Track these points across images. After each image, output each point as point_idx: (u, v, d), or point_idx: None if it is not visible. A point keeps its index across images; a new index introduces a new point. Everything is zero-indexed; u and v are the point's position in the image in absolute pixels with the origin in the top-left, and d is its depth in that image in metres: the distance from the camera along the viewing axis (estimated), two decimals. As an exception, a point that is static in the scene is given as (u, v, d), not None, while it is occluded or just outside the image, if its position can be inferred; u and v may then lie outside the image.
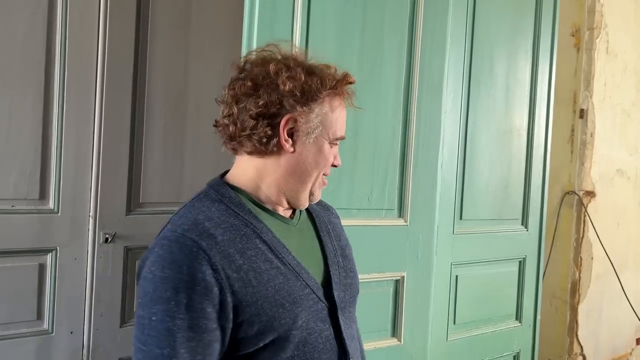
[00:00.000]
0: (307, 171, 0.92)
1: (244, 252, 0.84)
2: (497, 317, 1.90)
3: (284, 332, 0.85)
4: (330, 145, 0.93)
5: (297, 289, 0.88)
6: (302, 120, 0.88)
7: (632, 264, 3.91)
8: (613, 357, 3.81)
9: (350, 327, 0.98)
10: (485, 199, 1.84)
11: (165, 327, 0.77)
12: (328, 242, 1.01)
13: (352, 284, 1.01)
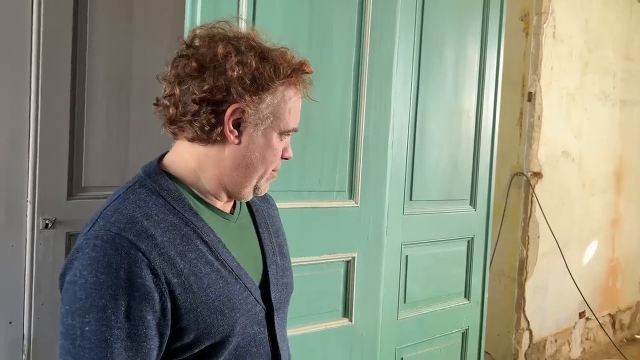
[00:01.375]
0: (253, 166, 0.86)
1: (184, 255, 0.78)
2: (446, 295, 1.95)
3: (221, 339, 0.81)
4: (281, 137, 0.87)
5: (237, 293, 0.84)
6: (250, 110, 0.82)
7: (575, 242, 4.09)
8: (557, 330, 4.00)
9: (283, 329, 0.96)
10: (435, 180, 1.87)
11: (101, 338, 0.71)
12: (267, 240, 0.97)
13: (288, 283, 0.99)
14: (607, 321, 4.59)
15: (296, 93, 0.87)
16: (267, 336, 0.90)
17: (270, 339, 0.91)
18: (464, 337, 2.01)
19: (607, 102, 4.26)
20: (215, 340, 0.81)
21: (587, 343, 4.32)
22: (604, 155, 4.33)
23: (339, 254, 1.53)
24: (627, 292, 4.82)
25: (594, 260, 4.34)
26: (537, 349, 3.80)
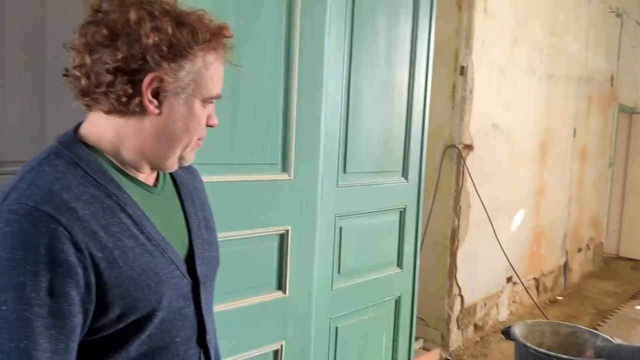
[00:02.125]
0: (177, 136, 0.83)
1: (108, 229, 0.75)
2: (379, 264, 2.00)
3: (147, 313, 0.79)
4: (203, 105, 0.84)
5: (162, 267, 0.82)
6: (169, 78, 0.78)
7: (503, 211, 4.30)
8: (487, 295, 4.23)
9: (209, 302, 0.95)
10: (368, 152, 1.89)
11: (21, 317, 0.67)
12: (192, 213, 0.94)
13: (214, 257, 0.98)
14: (532, 285, 4.90)
15: (217, 58, 0.84)
16: (193, 310, 0.89)
17: (196, 313, 0.90)
18: (396, 304, 2.08)
19: (534, 77, 4.46)
20: (141, 315, 0.79)
21: (514, 306, 4.60)
22: (531, 128, 4.55)
23: (272, 228, 1.53)
24: (550, 257, 5.15)
25: (521, 228, 4.59)
26: (468, 313, 4.00)
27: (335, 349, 1.82)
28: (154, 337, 0.83)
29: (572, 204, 5.42)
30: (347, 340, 1.87)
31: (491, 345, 4.01)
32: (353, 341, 1.90)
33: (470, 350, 3.89)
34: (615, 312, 4.82)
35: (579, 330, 3.02)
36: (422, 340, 3.77)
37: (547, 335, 3.06)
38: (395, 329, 2.09)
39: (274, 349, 1.57)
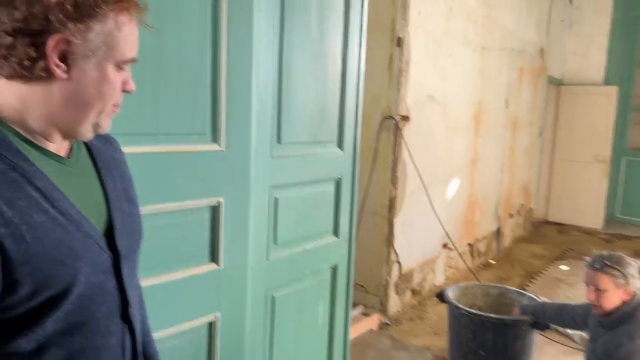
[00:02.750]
0: (89, 102, 0.79)
1: (13, 203, 0.71)
2: (316, 234, 2.01)
3: (62, 289, 0.76)
4: (118, 69, 0.80)
5: (78, 241, 0.79)
6: (77, 40, 0.74)
7: (439, 180, 4.43)
8: (423, 261, 4.38)
9: (132, 276, 0.93)
10: (303, 122, 1.88)
11: None
12: (110, 185, 0.91)
13: (136, 229, 0.95)
14: (467, 250, 5.12)
15: (130, 20, 0.80)
16: (114, 284, 0.87)
17: (118, 287, 0.88)
18: (333, 272, 2.11)
19: (468, 48, 4.56)
20: (56, 291, 0.76)
21: (450, 271, 4.80)
22: (465, 99, 4.67)
23: (203, 200, 1.50)
24: (483, 224, 5.39)
25: (456, 196, 4.76)
26: (405, 279, 4.14)
27: (272, 318, 1.84)
28: (71, 313, 0.80)
29: (504, 173, 5.67)
30: (284, 309, 1.88)
31: (428, 308, 4.19)
32: (290, 310, 1.92)
33: (408, 314, 4.05)
34: (542, 273, 5.14)
35: (507, 291, 3.20)
36: (362, 307, 3.88)
37: (479, 296, 3.23)
38: (332, 296, 2.13)
39: (209, 320, 1.56)
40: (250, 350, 1.74)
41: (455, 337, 2.93)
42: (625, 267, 2.17)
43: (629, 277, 2.15)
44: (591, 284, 2.18)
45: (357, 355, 3.33)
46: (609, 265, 2.16)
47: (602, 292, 2.15)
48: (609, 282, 2.14)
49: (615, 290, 2.15)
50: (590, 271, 2.21)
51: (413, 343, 3.55)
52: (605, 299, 2.16)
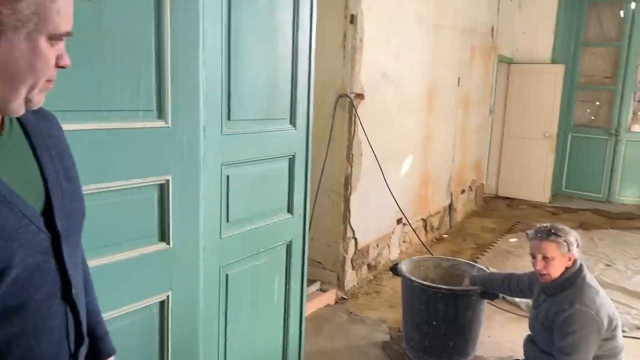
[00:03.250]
0: (18, 76, 0.75)
1: None
2: (270, 211, 2.01)
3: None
4: (51, 43, 0.77)
5: (13, 222, 0.76)
6: (5, 10, 0.70)
7: (394, 158, 4.50)
8: (379, 237, 4.46)
9: (74, 256, 0.91)
10: (254, 99, 1.86)
11: None
12: (48, 163, 0.88)
13: (77, 208, 0.93)
14: (421, 225, 5.24)
15: None
16: (54, 265, 0.85)
17: (58, 268, 0.86)
18: (288, 248, 2.13)
19: (421, 26, 4.60)
20: None
21: (404, 245, 4.91)
22: (419, 77, 4.73)
23: (150, 178, 1.47)
24: (436, 199, 5.52)
25: (410, 173, 4.85)
26: (361, 254, 4.21)
27: (227, 295, 1.84)
28: (8, 295, 0.77)
29: (456, 149, 5.81)
30: (238, 286, 1.89)
31: (383, 282, 4.29)
32: (244, 287, 1.93)
33: (365, 289, 4.13)
34: (493, 246, 5.34)
35: (458, 263, 3.31)
36: (319, 283, 3.93)
37: (431, 269, 3.33)
38: (287, 272, 2.14)
39: (160, 300, 1.54)
40: (205, 328, 1.74)
41: (409, 308, 3.02)
42: (567, 235, 2.29)
43: (570, 244, 2.27)
44: (539, 253, 2.29)
45: (314, 330, 3.38)
46: (554, 234, 2.27)
47: (550, 260, 2.26)
48: (555, 250, 2.26)
49: (561, 258, 2.27)
50: (537, 241, 2.31)
51: (369, 316, 3.64)
52: (552, 267, 2.27)
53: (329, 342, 3.25)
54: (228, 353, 1.89)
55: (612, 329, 2.23)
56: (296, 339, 2.24)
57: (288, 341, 2.19)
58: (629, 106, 7.23)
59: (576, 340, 2.15)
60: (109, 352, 1.10)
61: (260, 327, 2.05)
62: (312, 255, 4.07)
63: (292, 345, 2.22)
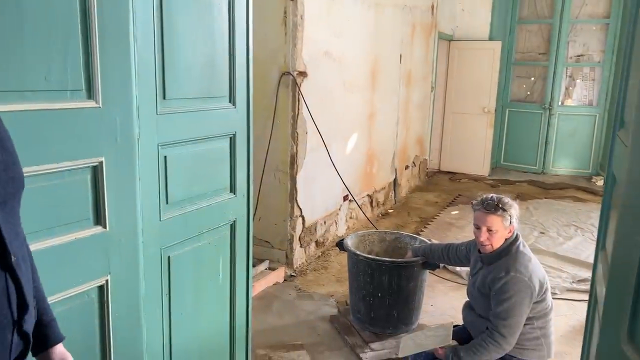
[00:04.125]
0: None
1: None
2: (212, 191, 1.99)
3: None
4: None
5: None
6: None
7: (338, 136, 4.54)
8: (326, 214, 4.51)
9: (12, 224, 0.89)
10: (190, 77, 1.82)
11: None
12: None
13: (14, 177, 0.92)
14: (367, 201, 5.34)
15: None
16: None
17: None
18: (232, 228, 2.12)
19: (363, 4, 4.62)
20: None
21: (351, 221, 4.99)
22: (361, 55, 4.76)
23: (82, 160, 1.41)
24: (381, 175, 5.63)
25: (355, 151, 4.91)
26: (309, 232, 4.25)
27: (169, 277, 1.82)
28: None
29: (399, 126, 5.93)
30: (181, 268, 1.87)
31: (331, 258, 4.36)
32: (188, 268, 1.91)
33: (313, 265, 4.19)
34: (435, 218, 5.53)
35: (401, 236, 3.41)
36: (268, 262, 3.95)
37: (376, 243, 3.41)
38: (232, 252, 2.14)
39: (99, 284, 1.51)
40: (148, 311, 1.72)
41: (355, 282, 3.09)
42: (510, 209, 2.39)
43: (513, 217, 2.38)
44: (484, 225, 2.37)
45: (263, 308, 3.41)
46: (499, 208, 2.36)
47: (494, 232, 2.36)
48: (500, 224, 2.35)
49: (504, 230, 2.37)
50: (482, 214, 2.39)
51: (317, 292, 3.70)
52: (495, 239, 2.37)
53: (278, 318, 3.29)
54: (173, 334, 1.88)
55: (543, 292, 2.38)
56: (243, 318, 2.25)
57: (235, 320, 2.20)
58: (561, 81, 7.60)
59: (511, 305, 2.28)
60: (57, 339, 1.09)
61: (206, 308, 2.05)
62: (260, 235, 4.08)
63: (239, 324, 2.23)
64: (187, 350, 1.97)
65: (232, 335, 2.22)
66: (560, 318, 3.28)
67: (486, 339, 2.30)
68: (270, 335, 3.07)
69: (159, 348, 1.82)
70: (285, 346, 2.92)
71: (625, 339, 0.95)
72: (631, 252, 0.94)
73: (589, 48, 7.50)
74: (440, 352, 2.41)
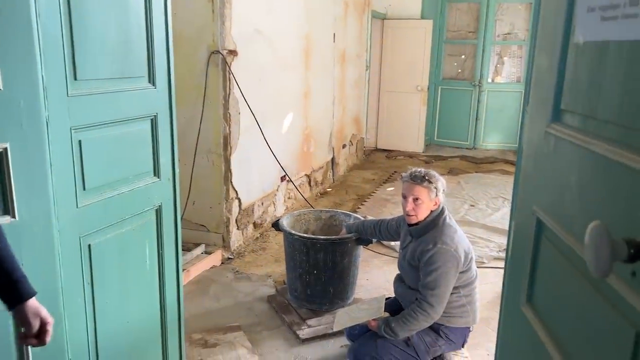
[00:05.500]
0: None
1: None
2: (133, 176, 1.92)
3: None
4: None
5: None
6: None
7: (273, 115, 4.50)
8: (263, 195, 4.49)
9: None
10: (104, 56, 1.73)
11: None
12: None
13: None
14: (305, 181, 5.36)
15: None
16: None
17: None
18: (157, 213, 2.06)
19: (293, -18, 4.55)
20: None
21: (290, 202, 5.00)
22: (293, 33, 4.72)
23: (-18, 147, 1.33)
24: (318, 155, 5.66)
25: (291, 130, 4.89)
26: (246, 214, 4.22)
27: (91, 266, 1.75)
28: None
29: (335, 105, 5.96)
30: (103, 255, 1.80)
31: (269, 239, 4.36)
32: (111, 256, 1.85)
33: (251, 247, 4.17)
34: (372, 195, 5.64)
35: (336, 214, 3.46)
36: (204, 245, 3.90)
37: (311, 221, 3.44)
38: (159, 238, 2.09)
39: (10, 278, 1.43)
40: (68, 302, 1.66)
41: (291, 261, 3.11)
42: (437, 182, 2.48)
43: (439, 190, 2.47)
44: (410, 195, 2.47)
45: (199, 292, 3.37)
46: (426, 179, 2.46)
47: (419, 203, 2.45)
48: (426, 194, 2.45)
49: (429, 202, 2.46)
50: (409, 184, 2.48)
51: (255, 273, 3.70)
52: (420, 209, 2.46)
53: (215, 301, 3.27)
54: (99, 324, 1.82)
55: (468, 262, 2.50)
56: (174, 304, 2.21)
57: (166, 307, 2.16)
58: (490, 59, 7.87)
59: (438, 275, 2.37)
60: (29, 293, 1.22)
61: (134, 295, 2.00)
62: (196, 219, 4.01)
63: (170, 310, 2.19)
64: (115, 339, 1.92)
65: (164, 322, 2.18)
66: (488, 285, 3.45)
67: (415, 308, 2.39)
68: (207, 318, 3.05)
69: (83, 338, 1.76)
70: (222, 328, 2.91)
71: (524, 302, 1.01)
72: (529, 218, 1.00)
73: (515, 26, 7.80)
74: (373, 324, 2.48)
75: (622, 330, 0.65)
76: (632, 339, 0.63)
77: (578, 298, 0.79)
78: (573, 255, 0.80)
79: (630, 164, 0.64)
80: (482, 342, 2.81)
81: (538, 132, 0.99)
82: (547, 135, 0.94)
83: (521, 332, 1.04)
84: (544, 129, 0.95)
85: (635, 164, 0.63)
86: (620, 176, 0.67)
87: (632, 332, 0.63)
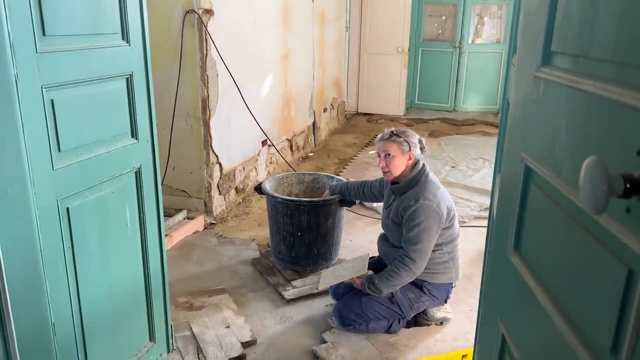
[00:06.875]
0: None
1: None
2: (110, 137, 1.87)
3: None
4: None
5: None
6: None
7: (252, 78, 4.41)
8: (245, 160, 4.44)
9: None
10: (74, 10, 1.64)
11: None
12: None
13: None
14: (286, 145, 5.31)
15: None
16: None
17: None
18: (137, 175, 2.02)
19: (269, -62, 4.38)
20: None
21: (271, 166, 4.96)
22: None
23: (-52, 105, 1.26)
24: (299, 119, 5.59)
25: (271, 93, 4.81)
26: (228, 178, 4.17)
27: (70, 229, 1.71)
28: None
29: (315, 68, 5.86)
30: (83, 218, 1.76)
31: (252, 203, 4.34)
32: (91, 219, 1.81)
33: (234, 212, 4.15)
34: (354, 159, 5.63)
35: (319, 176, 3.44)
36: (186, 211, 3.86)
37: (294, 185, 3.42)
38: (139, 201, 2.05)
39: (-15, 243, 1.39)
40: (49, 266, 1.62)
41: (275, 224, 3.11)
42: (409, 137, 2.48)
43: (412, 145, 2.47)
44: (382, 152, 2.50)
45: (183, 256, 3.36)
46: (395, 135, 2.47)
47: (391, 158, 2.47)
48: (396, 149, 2.46)
49: (401, 157, 2.47)
50: (381, 142, 2.51)
51: (239, 237, 3.69)
52: (393, 165, 2.48)
53: (199, 266, 3.26)
54: (81, 288, 1.79)
55: (450, 218, 2.52)
56: (158, 267, 2.19)
57: (149, 270, 2.14)
58: (471, 19, 7.80)
59: (421, 230, 2.39)
60: None
61: (117, 259, 1.97)
62: (176, 184, 3.96)
63: (154, 274, 2.17)
64: (98, 303, 1.90)
65: (148, 286, 2.16)
66: (469, 244, 3.50)
67: (398, 264, 2.41)
68: (191, 282, 3.04)
69: (65, 303, 1.73)
70: (207, 292, 2.91)
71: (511, 249, 1.01)
72: (517, 167, 0.99)
73: (496, -14, 7.70)
74: (357, 282, 2.51)
75: (613, 269, 0.65)
76: (624, 276, 0.63)
77: (568, 242, 0.79)
78: (562, 199, 0.80)
79: (624, 100, 0.62)
80: (464, 298, 2.87)
81: (527, 79, 0.97)
82: (536, 80, 0.92)
83: (508, 280, 1.05)
84: (533, 74, 0.93)
85: (629, 99, 0.61)
86: (614, 114, 0.65)
87: (625, 269, 0.63)
